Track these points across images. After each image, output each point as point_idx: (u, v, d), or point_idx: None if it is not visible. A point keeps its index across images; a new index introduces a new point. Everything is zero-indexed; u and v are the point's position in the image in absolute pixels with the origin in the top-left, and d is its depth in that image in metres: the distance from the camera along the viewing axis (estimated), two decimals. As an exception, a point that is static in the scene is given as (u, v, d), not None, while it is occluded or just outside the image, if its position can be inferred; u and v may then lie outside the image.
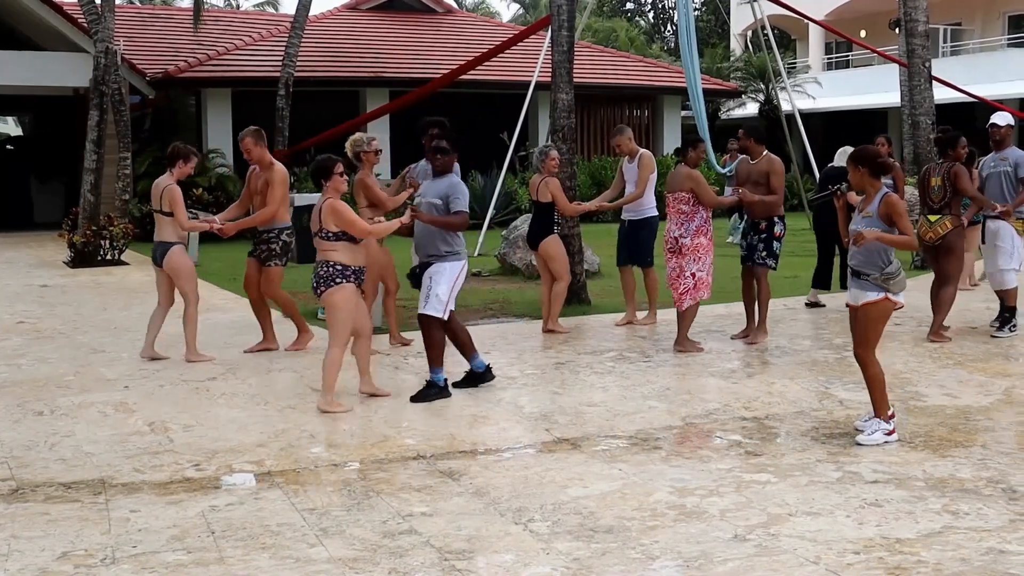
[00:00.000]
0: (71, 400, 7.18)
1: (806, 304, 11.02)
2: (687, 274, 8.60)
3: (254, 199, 8.78)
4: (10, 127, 37.33)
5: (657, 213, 9.81)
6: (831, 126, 30.54)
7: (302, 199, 15.19)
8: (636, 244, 9.81)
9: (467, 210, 7.29)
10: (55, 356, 8.76)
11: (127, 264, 15.81)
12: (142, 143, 21.53)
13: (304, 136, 20.08)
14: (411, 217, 7.12)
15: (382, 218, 8.33)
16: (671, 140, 27.37)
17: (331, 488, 5.28)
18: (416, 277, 7.33)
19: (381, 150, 8.92)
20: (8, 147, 29.17)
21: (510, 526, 4.70)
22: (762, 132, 9.28)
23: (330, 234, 6.80)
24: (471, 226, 9.25)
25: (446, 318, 7.15)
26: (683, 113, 29.72)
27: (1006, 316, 9.19)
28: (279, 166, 8.68)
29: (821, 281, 11.18)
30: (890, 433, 5.95)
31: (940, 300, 8.95)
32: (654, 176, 9.70)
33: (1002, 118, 9.40)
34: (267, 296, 8.84)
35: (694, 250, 8.61)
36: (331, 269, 6.79)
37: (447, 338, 7.26)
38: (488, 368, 7.47)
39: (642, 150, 9.85)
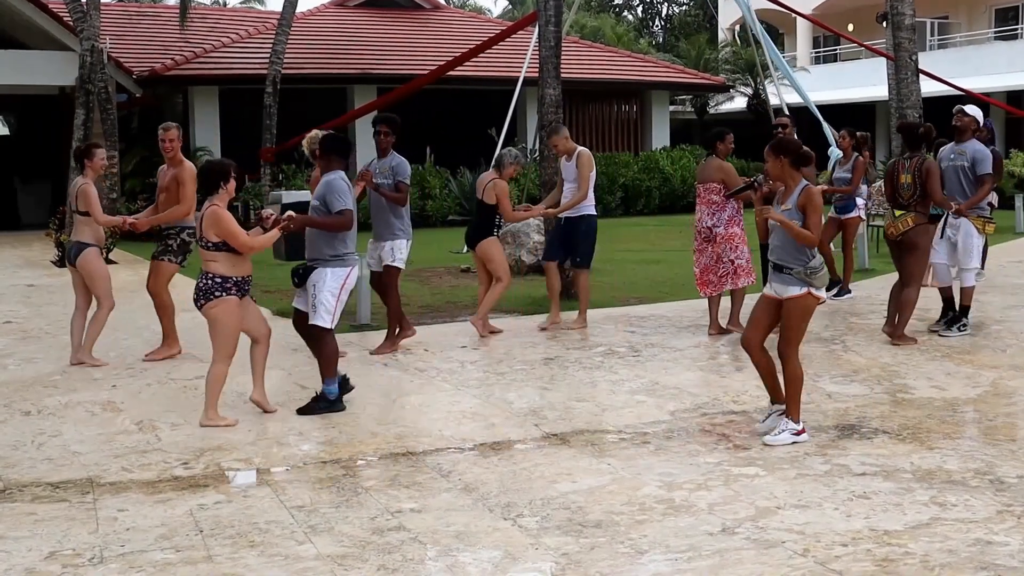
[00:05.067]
0: (58, 400, 7.15)
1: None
2: (725, 260, 8.92)
3: (159, 196, 8.57)
4: (-3, 127, 37.21)
5: (595, 212, 9.49)
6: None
7: (289, 196, 15.13)
8: (573, 242, 9.45)
9: (350, 207, 6.82)
10: (42, 356, 8.73)
11: (114, 263, 15.70)
12: (130, 142, 21.45)
13: (291, 134, 20.01)
14: (285, 227, 6.58)
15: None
16: (660, 135, 27.40)
17: (320, 485, 5.27)
18: (299, 276, 6.85)
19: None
20: (-6, 146, 29.05)
21: (499, 521, 4.69)
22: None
23: (210, 244, 6.42)
24: (461, 222, 9.17)
25: (334, 327, 6.77)
26: (671, 108, 29.75)
27: (956, 316, 8.88)
28: (188, 164, 8.45)
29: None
30: (799, 433, 5.81)
31: (903, 301, 8.55)
32: (593, 174, 9.37)
33: (972, 109, 9.04)
34: (153, 289, 8.54)
35: (728, 239, 8.92)
36: (210, 282, 6.42)
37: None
38: (345, 380, 6.91)
39: (579, 148, 9.44)
